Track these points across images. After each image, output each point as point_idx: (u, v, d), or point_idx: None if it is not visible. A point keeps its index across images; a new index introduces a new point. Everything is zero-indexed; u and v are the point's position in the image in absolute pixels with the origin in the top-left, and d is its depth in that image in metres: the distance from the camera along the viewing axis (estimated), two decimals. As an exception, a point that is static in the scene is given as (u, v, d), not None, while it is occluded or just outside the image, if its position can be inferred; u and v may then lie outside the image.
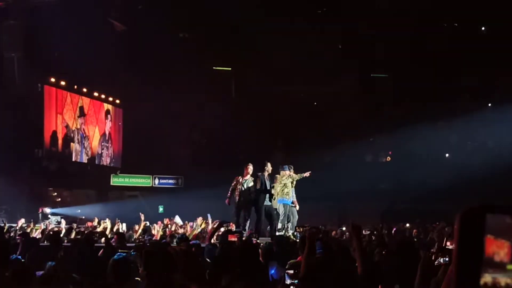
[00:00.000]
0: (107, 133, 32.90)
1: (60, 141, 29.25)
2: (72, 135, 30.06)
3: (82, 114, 30.69)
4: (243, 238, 12.88)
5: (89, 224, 19.76)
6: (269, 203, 16.99)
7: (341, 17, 32.19)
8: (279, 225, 16.99)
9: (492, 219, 1.58)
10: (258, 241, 14.57)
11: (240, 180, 17.08)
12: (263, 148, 31.08)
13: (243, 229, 16.19)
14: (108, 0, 30.45)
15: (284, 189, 16.96)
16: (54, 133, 28.84)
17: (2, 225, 16.88)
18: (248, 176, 17.06)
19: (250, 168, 17.13)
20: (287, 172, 17.27)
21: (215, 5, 30.37)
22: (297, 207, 17.43)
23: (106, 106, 33.16)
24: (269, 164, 16.98)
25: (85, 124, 31.08)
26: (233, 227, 17.60)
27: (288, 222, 16.90)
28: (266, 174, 16.80)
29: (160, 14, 28.30)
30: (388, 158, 35.89)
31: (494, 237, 1.57)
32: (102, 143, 32.38)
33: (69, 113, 29.80)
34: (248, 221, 17.05)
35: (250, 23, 30.90)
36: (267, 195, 16.99)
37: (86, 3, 27.93)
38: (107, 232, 15.58)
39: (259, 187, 16.67)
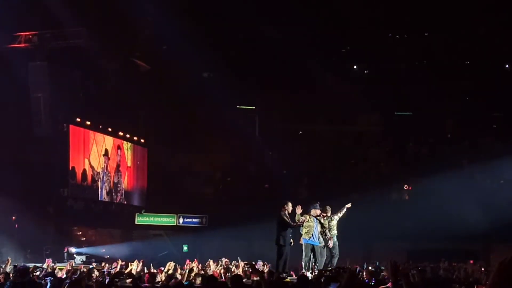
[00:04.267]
0: (119, 165, 32.32)
1: (89, 178, 29.36)
2: (96, 174, 30.04)
3: (106, 154, 30.70)
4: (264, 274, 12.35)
5: (115, 264, 19.63)
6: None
7: (365, 56, 32.29)
8: (303, 265, 16.79)
9: None
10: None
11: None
12: (288, 186, 30.96)
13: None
14: (133, 41, 30.80)
15: (305, 229, 16.68)
16: (84, 171, 28.94)
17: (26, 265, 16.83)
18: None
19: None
20: (318, 211, 16.98)
21: (238, 45, 30.66)
22: (330, 244, 17.04)
23: (129, 145, 33.09)
24: (289, 204, 16.76)
25: (108, 163, 30.95)
26: (259, 266, 17.53)
27: (315, 262, 16.52)
28: (286, 212, 16.55)
29: (184, 54, 28.50)
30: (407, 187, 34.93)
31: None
32: (116, 173, 31.92)
33: (94, 154, 29.84)
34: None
35: (273, 62, 31.05)
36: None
37: (110, 44, 28.27)
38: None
39: (277, 226, 16.50)
